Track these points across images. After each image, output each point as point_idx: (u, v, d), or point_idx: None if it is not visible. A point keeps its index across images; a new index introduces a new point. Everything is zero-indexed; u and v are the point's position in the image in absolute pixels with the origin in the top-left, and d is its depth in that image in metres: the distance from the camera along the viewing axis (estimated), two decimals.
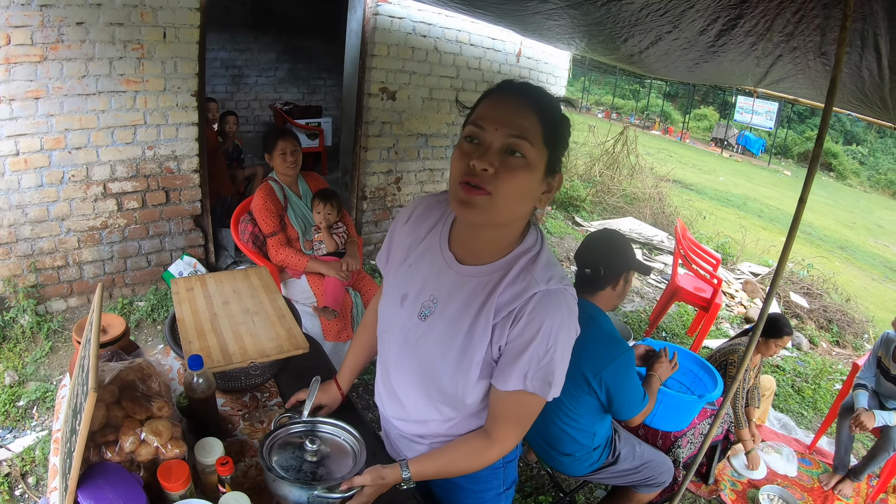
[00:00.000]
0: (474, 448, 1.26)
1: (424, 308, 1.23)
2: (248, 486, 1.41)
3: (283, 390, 1.72)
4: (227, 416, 1.60)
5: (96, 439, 1.21)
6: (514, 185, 1.04)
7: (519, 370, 1.13)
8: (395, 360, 1.33)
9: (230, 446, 1.50)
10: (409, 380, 1.31)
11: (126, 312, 3.68)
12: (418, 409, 1.33)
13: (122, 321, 1.63)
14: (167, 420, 1.27)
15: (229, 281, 1.93)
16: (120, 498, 1.10)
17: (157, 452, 1.23)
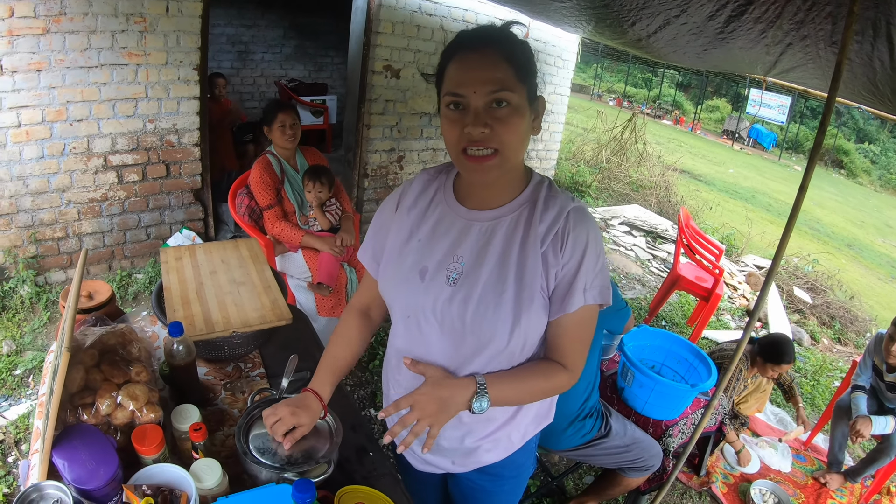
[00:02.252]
0: (549, 371, 1.20)
1: (450, 272, 1.18)
2: (226, 454, 1.41)
3: (266, 362, 1.72)
4: (209, 384, 1.60)
5: (74, 402, 1.21)
6: (514, 133, 1.06)
7: (578, 287, 1.13)
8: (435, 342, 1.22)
9: (210, 415, 1.50)
10: (461, 356, 1.20)
11: (125, 284, 3.70)
12: None
13: (108, 287, 1.63)
14: (144, 385, 1.27)
15: (218, 251, 1.92)
16: (93, 459, 1.10)
17: (132, 416, 1.23)
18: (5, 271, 3.42)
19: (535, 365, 1.22)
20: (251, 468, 1.25)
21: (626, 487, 2.41)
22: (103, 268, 3.79)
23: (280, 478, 1.23)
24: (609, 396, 2.56)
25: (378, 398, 3.15)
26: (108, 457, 1.12)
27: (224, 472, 1.21)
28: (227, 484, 1.22)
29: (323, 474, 1.24)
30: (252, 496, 1.18)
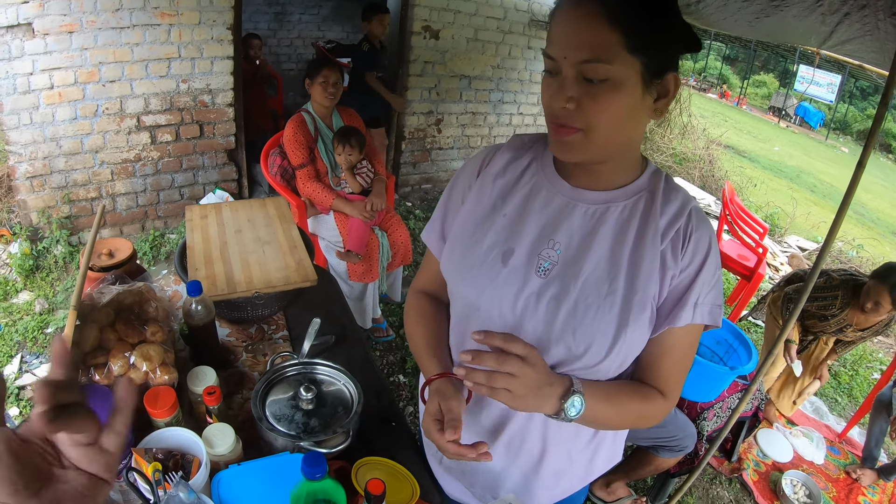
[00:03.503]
0: (648, 395, 0.99)
1: (543, 259, 0.96)
2: (243, 419, 1.35)
3: (290, 324, 1.65)
4: (230, 346, 1.54)
5: (87, 361, 1.16)
6: (606, 116, 0.84)
7: (690, 299, 0.93)
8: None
9: (230, 377, 1.44)
10: None
11: (157, 244, 3.70)
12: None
13: (129, 245, 1.57)
14: (159, 346, 1.21)
15: (245, 210, 1.84)
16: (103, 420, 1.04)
17: (146, 378, 1.18)
18: (39, 231, 3.45)
19: (633, 384, 1.01)
20: (267, 435, 1.19)
21: (657, 468, 2.32)
22: (136, 228, 3.80)
23: (296, 446, 1.16)
24: None
25: (408, 364, 3.08)
26: None
27: (238, 437, 1.14)
28: (240, 450, 1.16)
29: (340, 444, 1.16)
30: (265, 464, 1.11)
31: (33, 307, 3.06)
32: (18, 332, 2.86)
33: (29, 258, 3.28)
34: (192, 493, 0.97)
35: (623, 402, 0.97)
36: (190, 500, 0.96)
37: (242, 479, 1.08)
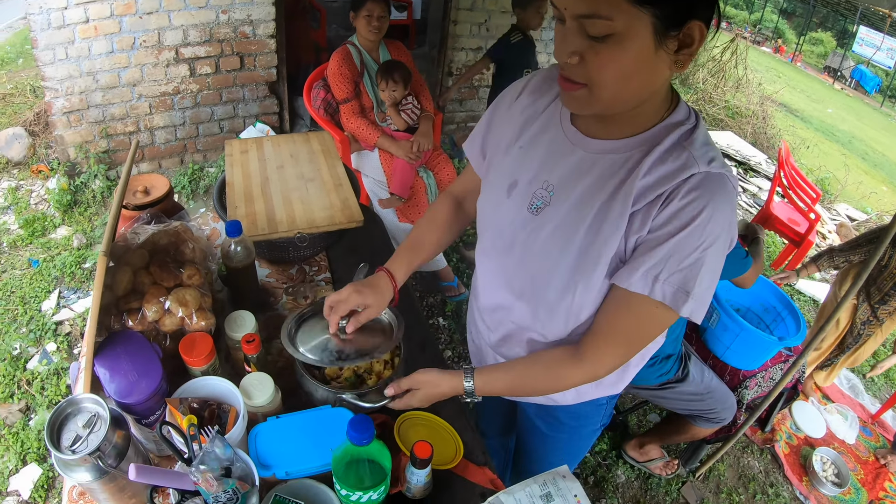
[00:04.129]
0: (555, 363, 1.00)
1: (536, 198, 0.97)
2: (282, 365, 1.26)
3: (333, 266, 1.54)
4: (269, 287, 1.44)
5: (120, 306, 1.07)
6: (610, 72, 0.78)
7: (650, 266, 0.85)
8: (496, 263, 1.08)
9: (268, 321, 1.35)
10: (512, 290, 1.05)
11: (196, 178, 3.62)
12: (523, 324, 1.07)
13: (166, 182, 1.46)
14: (196, 289, 1.11)
15: (287, 144, 1.71)
16: (135, 369, 0.96)
17: (182, 323, 1.08)
18: (77, 166, 3.39)
19: (544, 356, 1.02)
20: (306, 384, 1.09)
21: (693, 436, 2.22)
22: (175, 161, 3.72)
23: (337, 399, 1.07)
24: (688, 335, 2.31)
25: (448, 307, 2.98)
26: (151, 368, 0.97)
27: (277, 388, 1.05)
28: (279, 401, 1.07)
29: (383, 401, 1.06)
30: (305, 418, 1.02)
31: (71, 242, 3.02)
32: (56, 267, 2.84)
33: (67, 193, 3.23)
34: (229, 448, 0.88)
35: (525, 381, 1.03)
36: (226, 456, 0.87)
37: (281, 432, 0.99)
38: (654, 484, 2.31)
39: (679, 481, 2.35)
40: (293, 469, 0.95)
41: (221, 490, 0.84)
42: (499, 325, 1.13)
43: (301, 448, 0.97)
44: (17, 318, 2.56)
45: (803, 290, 4.16)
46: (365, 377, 1.17)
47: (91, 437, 0.85)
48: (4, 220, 3.10)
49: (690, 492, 2.32)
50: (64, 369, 2.35)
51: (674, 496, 2.28)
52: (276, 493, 0.93)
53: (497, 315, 1.12)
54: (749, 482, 2.42)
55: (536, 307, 1.01)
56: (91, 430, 0.86)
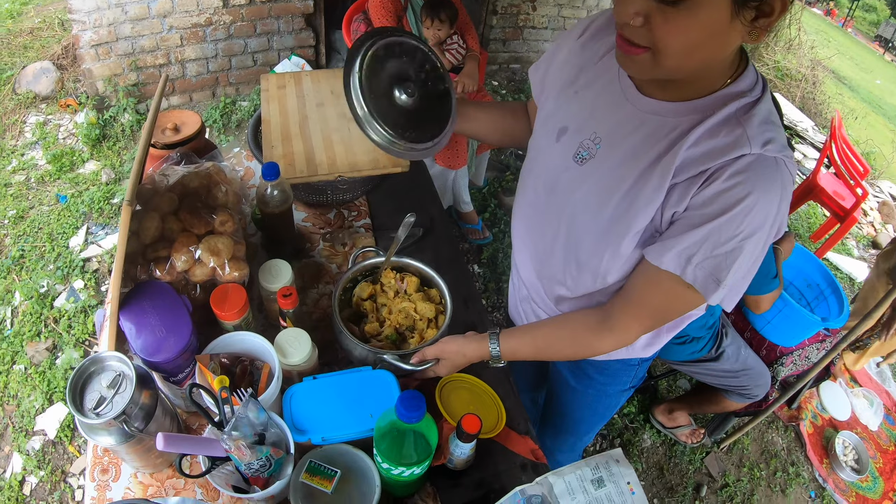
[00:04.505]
0: (582, 330, 0.96)
1: (583, 148, 0.89)
2: (318, 316, 1.17)
3: (373, 211, 1.43)
4: (306, 232, 1.34)
5: (147, 254, 0.97)
6: (678, 40, 0.69)
7: (684, 248, 0.78)
8: (533, 210, 1.02)
9: (304, 268, 1.25)
10: (547, 238, 0.99)
11: (228, 112, 3.48)
12: (553, 275, 1.02)
13: (197, 119, 1.33)
14: (228, 237, 1.00)
15: (328, 80, 1.56)
16: (163, 325, 0.87)
17: (213, 274, 0.98)
18: (105, 100, 3.25)
19: (571, 321, 0.98)
20: (344, 341, 1.01)
21: (723, 408, 2.14)
22: (206, 95, 3.56)
23: (378, 359, 0.97)
24: None
25: (484, 254, 2.84)
26: (180, 323, 0.88)
27: (314, 346, 0.96)
28: (315, 359, 0.98)
29: (426, 364, 0.99)
30: (343, 380, 0.93)
31: (99, 177, 2.92)
32: (84, 203, 2.74)
33: (95, 127, 3.10)
34: (263, 413, 0.79)
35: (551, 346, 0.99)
36: (260, 421, 0.79)
37: (318, 394, 0.91)
38: (679, 451, 2.25)
39: (703, 451, 2.29)
40: (330, 435, 0.87)
41: (254, 458, 0.76)
42: (531, 277, 1.08)
43: (339, 412, 0.89)
44: (44, 255, 2.49)
45: (840, 265, 3.98)
46: (407, 335, 1.09)
47: (116, 399, 0.77)
48: (32, 155, 3.00)
49: (713, 463, 2.25)
50: (91, 307, 2.29)
51: (697, 465, 2.22)
52: (310, 460, 0.85)
53: (531, 265, 1.07)
54: (771, 458, 2.35)
55: (567, 261, 0.96)
56: (116, 390, 0.78)
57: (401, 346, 1.07)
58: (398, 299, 1.11)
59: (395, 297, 1.12)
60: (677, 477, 2.18)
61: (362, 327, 1.07)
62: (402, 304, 1.09)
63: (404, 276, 1.14)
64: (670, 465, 2.21)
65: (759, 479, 2.26)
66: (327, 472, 0.84)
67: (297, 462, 0.85)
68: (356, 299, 1.12)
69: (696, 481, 2.19)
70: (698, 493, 2.14)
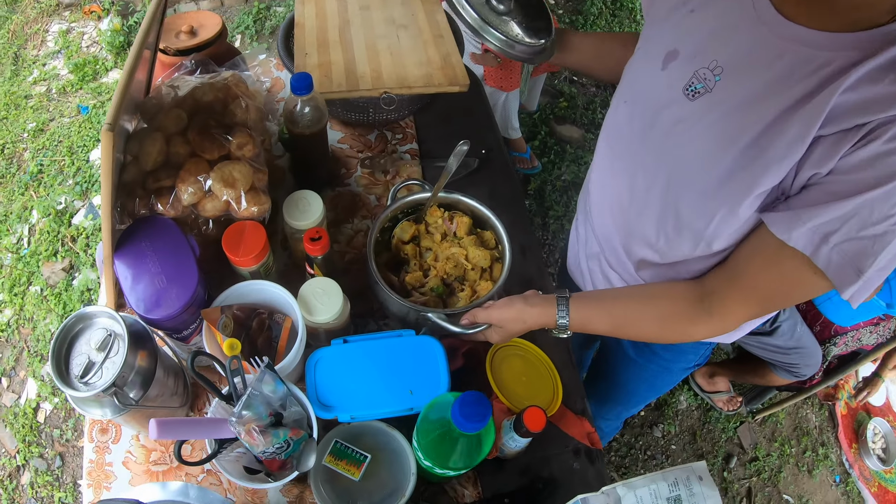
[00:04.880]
0: (676, 311, 0.76)
1: (697, 79, 0.68)
2: (352, 257, 1.00)
3: (421, 135, 1.21)
4: (342, 156, 1.14)
5: (148, 184, 0.78)
6: None
7: (822, 223, 0.59)
8: (625, 147, 0.81)
9: (338, 199, 1.06)
10: (638, 186, 0.79)
11: (261, 18, 3.18)
12: (640, 232, 0.81)
13: (217, 19, 1.09)
14: (247, 164, 0.80)
15: None
16: (164, 273, 0.70)
17: (226, 208, 0.79)
18: (130, 5, 3.00)
19: (661, 298, 0.78)
20: (380, 294, 0.83)
21: (768, 382, 1.99)
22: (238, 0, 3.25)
23: (420, 317, 0.80)
24: None
25: (532, 184, 2.62)
26: (185, 271, 0.71)
27: (346, 300, 0.79)
28: (347, 316, 0.81)
29: (479, 327, 0.81)
30: (379, 346, 0.76)
31: None
32: (106, 113, 2.56)
33: (119, 34, 2.87)
34: (281, 385, 0.63)
35: (633, 323, 0.79)
36: (277, 396, 0.63)
37: (348, 361, 0.75)
38: (713, 418, 2.12)
39: (738, 420, 2.15)
40: (361, 413, 0.72)
41: (270, 445, 0.60)
42: (609, 230, 0.88)
43: (373, 385, 0.73)
44: (63, 169, 2.34)
45: None
46: (455, 287, 0.90)
47: (107, 364, 0.62)
48: (54, 65, 2.80)
49: (746, 433, 2.13)
50: None
51: (729, 434, 2.10)
52: (336, 440, 0.70)
53: (609, 217, 0.87)
54: (803, 436, 2.22)
55: (662, 218, 0.76)
56: (107, 354, 0.62)
57: (448, 300, 0.89)
58: (446, 243, 0.92)
59: (443, 241, 0.92)
60: (709, 444, 2.06)
61: (402, 277, 0.89)
62: (451, 250, 0.90)
63: (454, 216, 0.94)
64: (703, 432, 2.08)
65: (788, 455, 2.14)
66: (356, 456, 0.70)
67: (321, 439, 0.70)
68: (396, 241, 0.92)
69: (727, 451, 2.07)
70: (727, 463, 2.03)
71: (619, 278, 0.90)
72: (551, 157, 2.62)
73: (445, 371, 0.75)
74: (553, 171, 2.56)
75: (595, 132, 2.62)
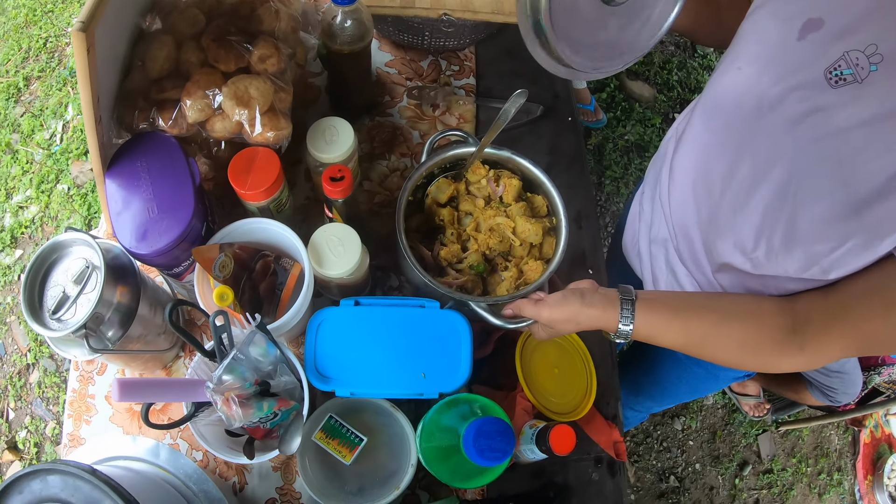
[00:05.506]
0: (762, 337, 0.62)
1: (847, 63, 0.53)
2: (382, 199, 0.89)
3: (481, 69, 1.06)
4: (387, 81, 1.00)
5: (151, 94, 0.66)
6: None
7: None
8: (728, 127, 0.65)
9: (375, 130, 0.94)
10: (741, 177, 0.63)
11: None
12: (733, 233, 0.65)
13: None
14: (267, 81, 0.67)
15: None
16: (155, 200, 0.60)
17: (239, 130, 0.67)
18: None
19: (747, 319, 0.62)
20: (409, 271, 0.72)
21: (800, 399, 1.88)
22: None
23: (457, 304, 0.69)
24: None
25: (591, 140, 2.44)
26: (180, 200, 0.60)
27: (365, 252, 0.68)
28: (366, 269, 0.71)
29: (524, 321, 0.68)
30: (395, 315, 0.66)
31: None
32: None
33: None
34: (273, 349, 0.55)
35: (709, 342, 0.63)
36: (269, 360, 0.54)
37: (356, 327, 0.65)
38: (737, 420, 2.02)
39: (761, 427, 2.05)
40: (362, 390, 0.63)
41: (251, 418, 0.52)
42: (688, 218, 0.73)
43: (381, 359, 0.64)
44: None
45: None
46: (498, 264, 0.76)
47: (81, 300, 0.53)
48: None
49: (766, 443, 2.04)
50: None
51: (750, 440, 2.01)
52: (330, 415, 0.62)
53: (693, 203, 0.71)
54: (821, 457, 2.12)
55: (770, 224, 0.60)
56: (82, 288, 0.53)
57: (489, 280, 0.76)
58: (490, 210, 0.77)
59: (486, 207, 0.78)
60: (727, 447, 1.98)
61: (437, 250, 0.76)
62: (496, 220, 0.76)
63: (500, 176, 0.79)
64: (724, 433, 1.99)
65: (802, 474, 2.06)
66: (350, 437, 0.61)
67: (314, 410, 0.62)
68: (430, 202, 0.78)
69: (744, 457, 1.99)
70: (741, 470, 1.96)
71: (687, 275, 0.77)
72: (617, 113, 2.42)
73: (468, 357, 0.64)
74: (617, 129, 2.37)
75: (668, 94, 2.40)
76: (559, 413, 0.74)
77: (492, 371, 0.77)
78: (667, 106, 2.36)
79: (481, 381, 0.75)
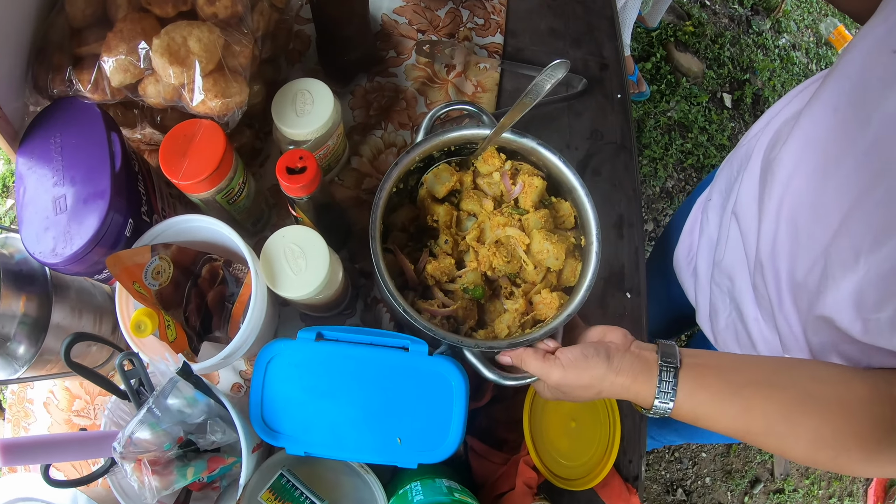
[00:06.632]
0: (848, 435, 0.46)
1: None
2: (372, 184, 0.76)
3: (511, 24, 0.89)
4: (393, 32, 0.85)
5: (70, 47, 0.51)
6: None
7: None
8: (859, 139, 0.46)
9: (374, 92, 0.81)
10: (875, 217, 0.45)
11: None
12: (846, 283, 0.48)
13: None
14: (215, 31, 0.51)
15: None
16: (66, 187, 0.46)
17: (176, 97, 0.52)
18: None
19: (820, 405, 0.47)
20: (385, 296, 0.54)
21: None
22: None
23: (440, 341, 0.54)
24: None
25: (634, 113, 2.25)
26: (94, 191, 0.46)
27: (336, 262, 0.55)
28: (339, 283, 0.57)
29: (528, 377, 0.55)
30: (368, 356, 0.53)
31: None
32: None
33: None
34: (202, 398, 0.43)
35: (772, 425, 0.47)
36: (198, 410, 0.43)
37: (317, 367, 0.51)
38: None
39: None
40: (319, 451, 0.50)
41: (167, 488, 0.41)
42: (781, 250, 0.56)
43: (347, 413, 0.51)
44: None
45: None
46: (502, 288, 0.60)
47: None
48: None
49: (781, 461, 2.00)
50: None
51: (765, 457, 1.95)
52: (281, 472, 0.51)
53: (790, 231, 0.54)
54: (835, 480, 2.07)
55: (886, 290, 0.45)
56: None
57: (487, 308, 0.60)
58: (500, 215, 0.59)
59: (496, 211, 0.60)
60: (741, 462, 1.92)
61: (423, 263, 0.58)
62: (508, 231, 0.58)
63: (519, 172, 0.63)
64: (740, 447, 1.93)
65: (813, 496, 2.01)
66: (304, 501, 0.50)
67: (260, 464, 0.51)
68: (424, 193, 0.61)
69: (756, 474, 1.94)
70: (752, 488, 1.91)
71: (760, 321, 0.61)
72: (661, 86, 2.24)
73: (460, 421, 0.51)
74: (660, 104, 2.19)
75: (718, 71, 2.23)
76: (570, 479, 0.62)
77: (492, 421, 0.65)
78: (715, 84, 2.20)
79: (478, 434, 0.63)
